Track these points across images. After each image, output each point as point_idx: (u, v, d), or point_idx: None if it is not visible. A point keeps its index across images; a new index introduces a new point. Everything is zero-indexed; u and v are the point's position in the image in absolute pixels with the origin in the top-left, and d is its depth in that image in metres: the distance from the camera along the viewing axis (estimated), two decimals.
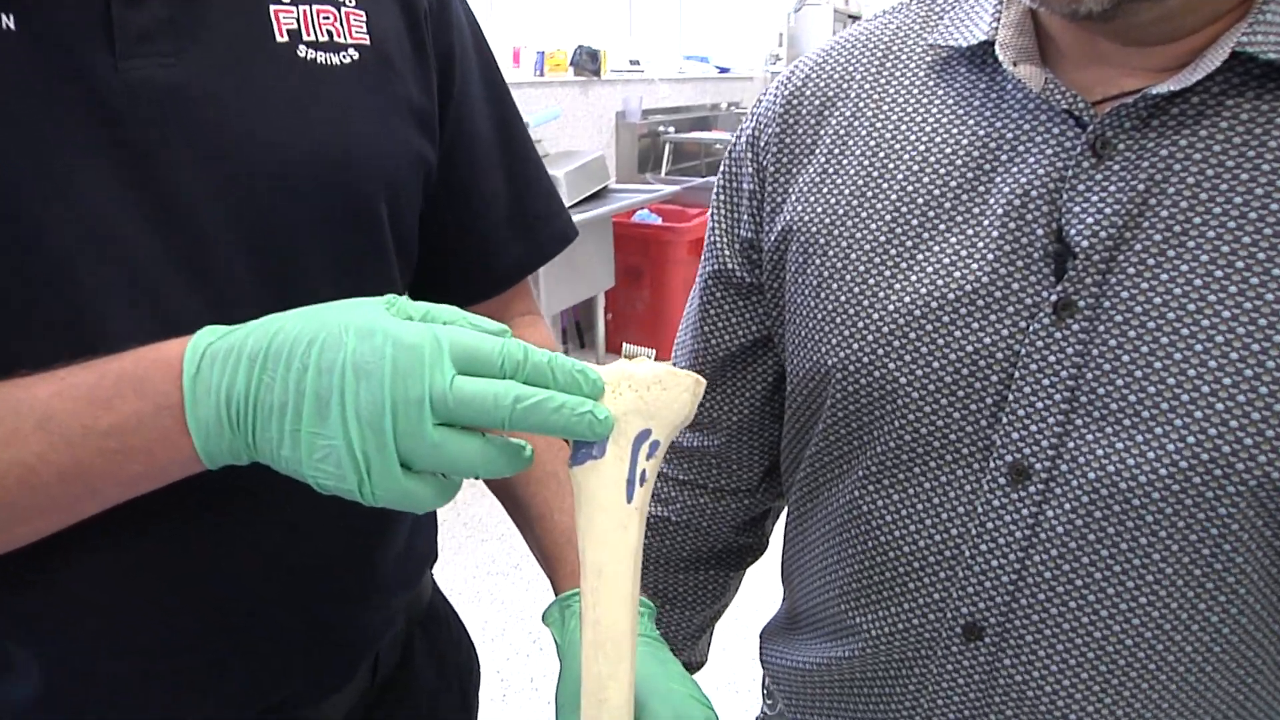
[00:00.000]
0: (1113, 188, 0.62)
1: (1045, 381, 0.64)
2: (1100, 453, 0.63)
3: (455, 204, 0.79)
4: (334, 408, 0.49)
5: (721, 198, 0.83)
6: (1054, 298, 0.63)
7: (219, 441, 0.52)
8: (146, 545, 0.62)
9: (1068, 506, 0.64)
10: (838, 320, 0.71)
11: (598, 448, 0.54)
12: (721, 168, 0.83)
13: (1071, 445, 0.64)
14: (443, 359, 0.49)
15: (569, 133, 4.72)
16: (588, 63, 4.66)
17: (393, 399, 0.49)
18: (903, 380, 0.68)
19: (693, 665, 0.99)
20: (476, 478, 0.53)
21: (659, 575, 0.94)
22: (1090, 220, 0.62)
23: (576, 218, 3.77)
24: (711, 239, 0.83)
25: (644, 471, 0.54)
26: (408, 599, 0.80)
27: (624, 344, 0.56)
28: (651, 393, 0.53)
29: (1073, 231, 0.63)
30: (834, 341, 0.72)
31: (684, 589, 0.95)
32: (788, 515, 0.85)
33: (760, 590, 2.76)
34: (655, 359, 0.56)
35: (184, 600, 0.63)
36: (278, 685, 0.69)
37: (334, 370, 0.49)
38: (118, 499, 0.56)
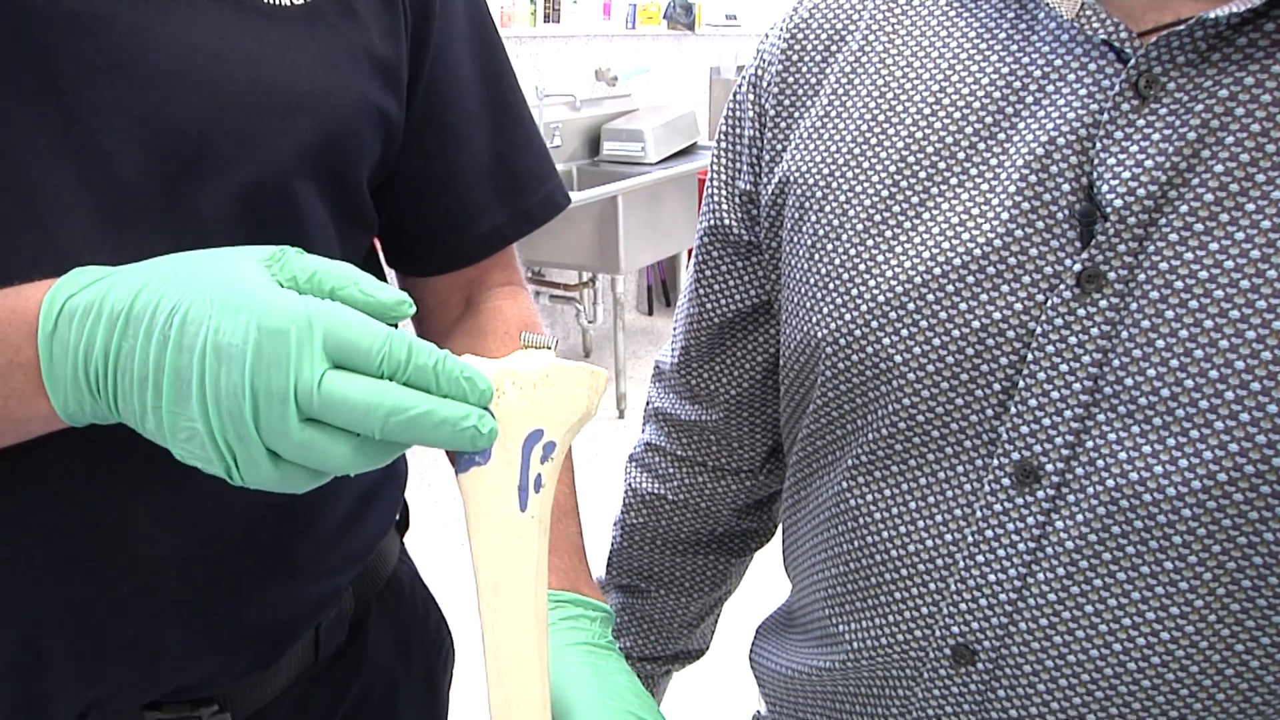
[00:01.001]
0: (1157, 135, 0.51)
1: (1063, 367, 0.53)
2: (1123, 456, 0.52)
3: (429, 161, 0.72)
4: (194, 390, 0.43)
5: (722, 145, 0.73)
6: (1078, 267, 0.53)
7: (79, 404, 0.47)
8: (32, 510, 0.57)
9: (1080, 518, 0.54)
10: (830, 286, 0.62)
11: (482, 454, 0.48)
12: (724, 113, 0.74)
13: (1090, 445, 0.53)
14: (313, 349, 0.43)
15: (659, 88, 4.61)
16: (681, 16, 4.53)
17: (253, 390, 0.42)
18: (898, 358, 0.58)
19: (690, 654, 0.91)
20: (350, 475, 0.46)
21: (654, 556, 0.86)
22: (1127, 175, 0.52)
23: (661, 173, 3.73)
24: (709, 191, 0.74)
25: (539, 476, 0.48)
26: (355, 575, 0.74)
27: (523, 333, 0.50)
28: (539, 390, 0.48)
29: (1105, 188, 0.52)
30: (825, 310, 0.62)
31: (680, 573, 0.87)
32: (783, 502, 0.76)
33: (770, 577, 2.63)
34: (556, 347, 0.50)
35: (71, 573, 0.58)
36: (185, 667, 0.63)
37: (194, 348, 0.43)
38: None
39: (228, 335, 0.42)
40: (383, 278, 0.77)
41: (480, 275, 0.79)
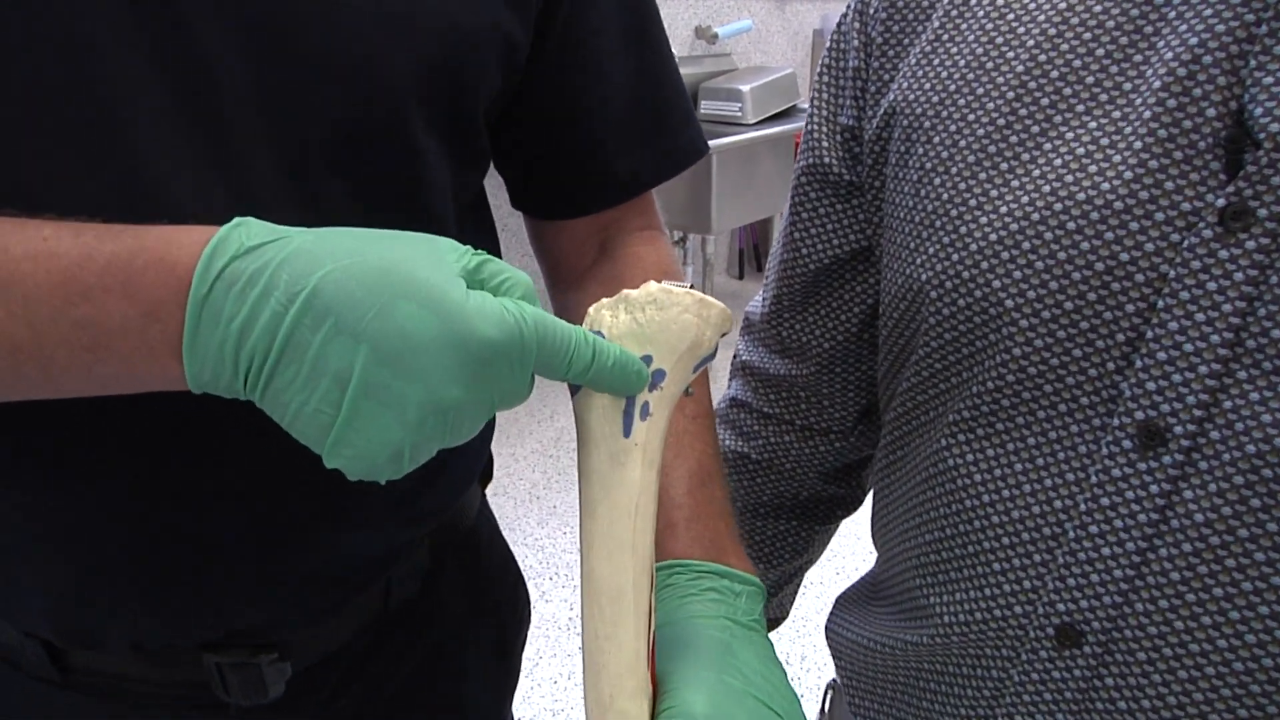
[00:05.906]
0: None
1: (1199, 316, 0.47)
2: (1267, 419, 0.46)
3: (567, 96, 0.67)
4: (389, 410, 0.41)
5: (824, 79, 0.68)
6: (1222, 202, 0.46)
7: (215, 378, 0.42)
8: (96, 448, 0.54)
9: (1213, 487, 0.48)
10: (936, 224, 0.56)
11: None
12: (828, 45, 0.68)
13: (1227, 405, 0.47)
14: (525, 373, 0.43)
15: (761, 48, 4.51)
16: None
17: (457, 416, 0.43)
18: (1009, 303, 0.53)
19: (768, 621, 0.87)
20: None
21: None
22: None
23: (757, 134, 3.64)
24: (809, 128, 0.69)
25: (646, 404, 0.46)
26: (431, 528, 0.71)
27: (663, 280, 0.47)
28: (646, 314, 0.46)
29: (1258, 111, 0.46)
30: (931, 251, 0.57)
31: (761, 538, 0.82)
32: (876, 463, 0.71)
33: (852, 547, 2.53)
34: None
35: (133, 509, 0.56)
36: (243, 611, 0.61)
37: (395, 362, 0.40)
38: (80, 394, 0.46)
39: (436, 358, 0.40)
40: (491, 224, 0.73)
41: (617, 219, 0.73)
